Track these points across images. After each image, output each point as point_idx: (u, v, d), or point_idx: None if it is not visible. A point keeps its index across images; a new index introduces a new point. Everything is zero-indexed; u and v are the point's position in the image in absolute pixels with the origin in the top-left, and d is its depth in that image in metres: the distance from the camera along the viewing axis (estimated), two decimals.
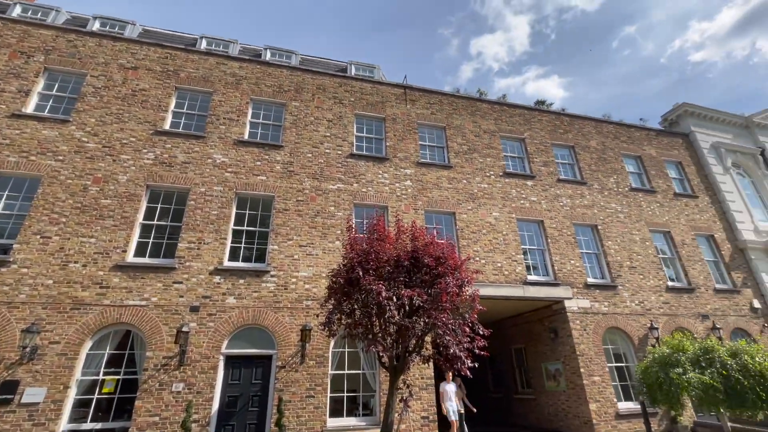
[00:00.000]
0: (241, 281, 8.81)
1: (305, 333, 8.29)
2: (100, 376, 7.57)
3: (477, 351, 6.24)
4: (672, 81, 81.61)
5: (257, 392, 8.09)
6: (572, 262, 11.65)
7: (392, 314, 5.86)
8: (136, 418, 7.22)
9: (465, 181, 11.96)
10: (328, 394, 8.31)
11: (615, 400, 10.05)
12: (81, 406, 7.33)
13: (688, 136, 16.30)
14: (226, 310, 8.46)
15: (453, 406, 8.51)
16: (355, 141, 11.62)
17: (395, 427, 8.02)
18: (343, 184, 10.68)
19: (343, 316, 6.54)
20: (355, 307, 6.34)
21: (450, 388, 8.63)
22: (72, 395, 7.28)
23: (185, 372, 7.74)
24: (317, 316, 8.05)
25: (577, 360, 10.25)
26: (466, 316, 6.35)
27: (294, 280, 9.14)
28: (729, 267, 13.42)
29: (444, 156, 12.40)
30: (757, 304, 12.87)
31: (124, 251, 8.50)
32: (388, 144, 11.82)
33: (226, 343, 8.27)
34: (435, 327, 6.08)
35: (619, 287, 11.66)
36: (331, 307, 6.52)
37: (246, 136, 10.66)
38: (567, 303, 10.90)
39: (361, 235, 7.17)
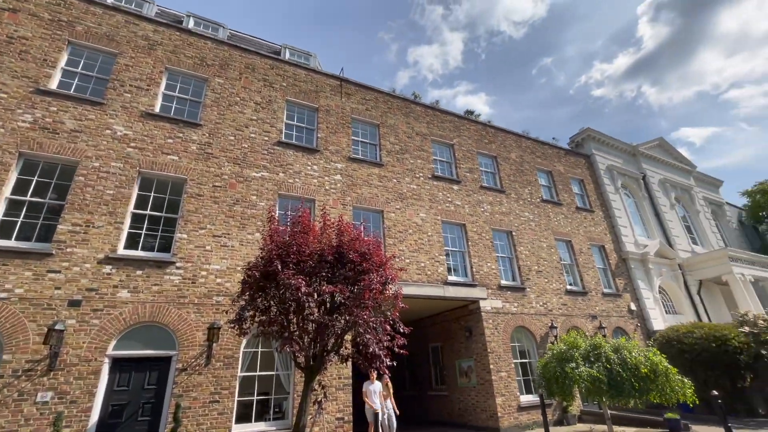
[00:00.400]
0: (139, 272, 7.69)
1: (213, 331, 7.51)
2: None
3: (397, 350, 6.17)
4: (577, 111, 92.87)
5: (150, 399, 7.10)
6: (489, 264, 12.33)
7: (311, 311, 5.50)
8: None
9: (395, 180, 11.99)
10: (236, 398, 7.62)
11: (518, 393, 10.84)
12: None
13: (590, 158, 18.43)
14: (117, 305, 7.30)
15: (375, 405, 8.23)
16: (284, 128, 10.95)
17: (308, 430, 7.63)
18: (268, 172, 9.98)
19: (257, 313, 6.01)
20: (271, 303, 5.86)
21: (373, 387, 8.42)
22: None
23: (56, 378, 6.47)
24: (226, 312, 7.30)
25: (487, 357, 10.85)
26: (388, 314, 6.24)
27: (204, 273, 8.25)
28: (614, 274, 15.40)
29: (376, 154, 12.30)
30: (633, 306, 14.94)
31: None
32: (319, 135, 11.36)
33: (114, 343, 7.12)
34: (356, 325, 5.86)
35: (527, 289, 12.65)
36: (243, 303, 5.93)
37: (157, 109, 9.40)
38: (482, 303, 11.49)
39: (284, 227, 6.69)
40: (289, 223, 6.84)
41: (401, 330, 6.26)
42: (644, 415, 10.05)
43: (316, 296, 5.66)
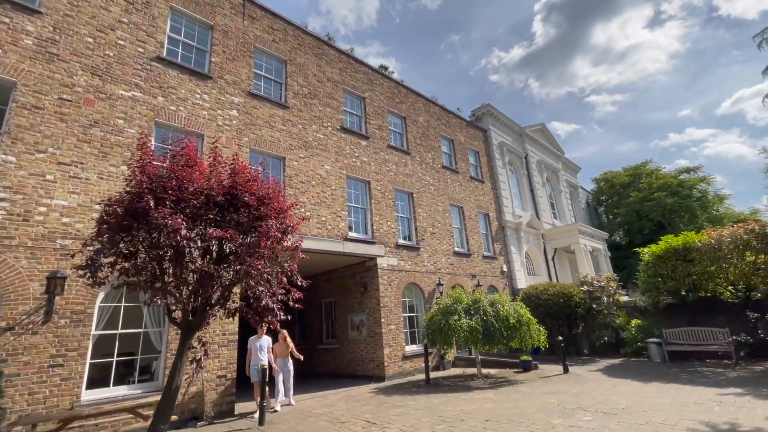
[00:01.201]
0: None
1: (55, 282, 5.97)
2: None
3: (292, 304, 5.74)
4: (475, 91, 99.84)
5: None
6: (389, 223, 12.50)
7: (193, 259, 4.65)
8: None
9: (301, 126, 11.00)
10: (88, 361, 6.34)
11: (404, 344, 11.54)
12: None
13: (486, 132, 19.80)
14: None
15: (262, 361, 7.53)
16: (166, 42, 8.92)
17: (183, 390, 6.84)
18: (143, 93, 8.09)
19: (119, 260, 4.87)
20: (140, 248, 4.78)
21: (260, 343, 7.84)
22: None
23: None
24: (72, 257, 5.72)
25: (380, 311, 11.19)
26: (286, 265, 5.70)
27: (43, 209, 6.42)
28: (494, 239, 17.24)
29: (281, 93, 11.03)
30: (505, 268, 17.05)
31: None
32: (213, 60, 9.60)
33: None
34: (248, 276, 5.20)
35: (421, 249, 13.29)
36: (98, 245, 4.72)
37: None
38: (379, 260, 11.67)
39: (160, 157, 5.45)
40: (168, 155, 5.61)
41: (299, 283, 5.81)
42: (504, 358, 11.71)
43: (200, 242, 4.79)
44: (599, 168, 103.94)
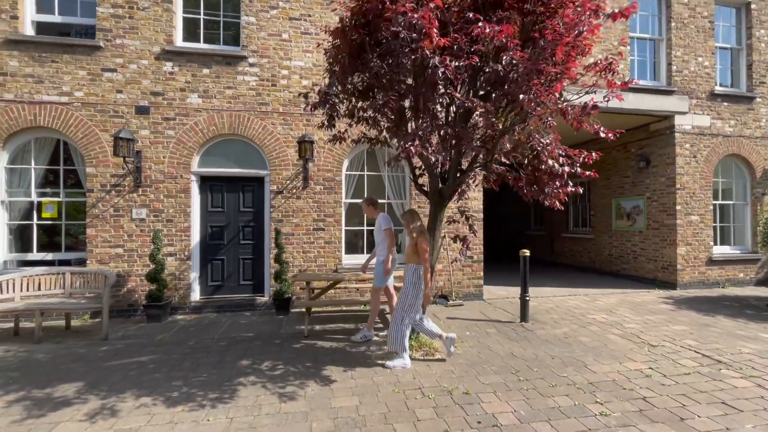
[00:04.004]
0: (206, 71, 5.87)
1: (305, 147, 5.73)
2: (34, 198, 5.61)
3: (580, 171, 3.57)
4: None
5: (249, 222, 6.14)
6: (699, 59, 7.81)
7: (448, 90, 2.94)
8: (92, 249, 5.51)
9: None
10: (344, 227, 6.32)
11: (711, 243, 7.82)
12: (20, 234, 5.64)
13: None
14: (190, 113, 5.81)
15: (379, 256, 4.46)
16: None
17: (439, 266, 6.17)
18: None
19: (354, 100, 3.74)
20: (374, 81, 3.43)
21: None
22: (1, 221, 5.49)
23: (146, 195, 5.66)
24: (306, 95, 4.37)
25: (674, 195, 7.65)
26: (589, 99, 3.41)
27: (285, 72, 6.10)
28: None
29: None
30: None
31: (15, 17, 5.44)
32: None
33: (197, 159, 5.92)
34: (526, 119, 3.23)
35: (758, 99, 8.08)
36: (328, 80, 3.64)
37: None
38: (678, 120, 7.64)
39: None
40: None
41: (602, 134, 3.45)
42: None
43: (460, 62, 2.97)
44: None
